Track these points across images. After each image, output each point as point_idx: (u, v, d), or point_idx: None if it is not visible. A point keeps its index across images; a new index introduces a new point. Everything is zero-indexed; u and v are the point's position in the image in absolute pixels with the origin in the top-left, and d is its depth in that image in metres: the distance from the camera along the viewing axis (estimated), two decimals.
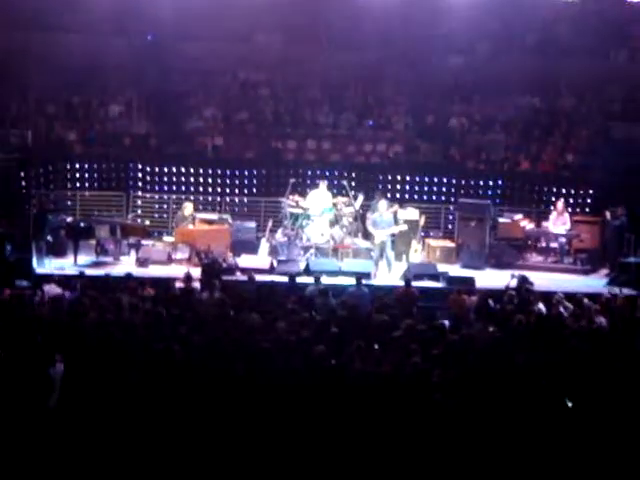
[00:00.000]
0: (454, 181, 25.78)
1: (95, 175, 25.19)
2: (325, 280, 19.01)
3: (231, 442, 10.36)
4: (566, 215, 23.23)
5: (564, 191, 25.19)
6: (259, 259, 21.68)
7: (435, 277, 20.81)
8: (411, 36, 28.11)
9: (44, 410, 10.98)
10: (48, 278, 17.72)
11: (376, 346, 13.47)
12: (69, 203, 24.53)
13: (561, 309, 16.66)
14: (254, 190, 25.74)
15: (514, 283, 18.65)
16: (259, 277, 19.15)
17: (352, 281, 18.39)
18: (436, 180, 25.82)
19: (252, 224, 23.74)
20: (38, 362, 11.84)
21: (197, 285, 17.76)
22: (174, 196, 24.99)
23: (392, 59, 28.35)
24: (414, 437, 10.41)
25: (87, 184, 25.05)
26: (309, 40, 28.08)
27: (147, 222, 24.33)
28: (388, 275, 21.10)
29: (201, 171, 25.69)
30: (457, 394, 11.23)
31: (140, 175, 25.57)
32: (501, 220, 23.78)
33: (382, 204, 21.87)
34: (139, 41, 28.06)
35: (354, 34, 27.81)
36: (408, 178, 25.73)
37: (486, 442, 10.42)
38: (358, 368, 12.12)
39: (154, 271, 20.75)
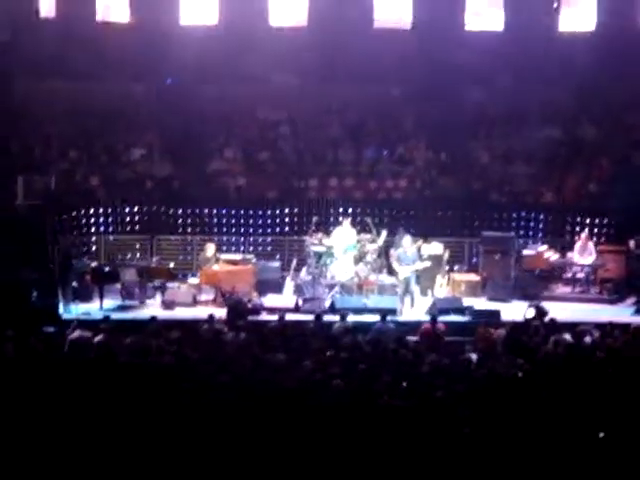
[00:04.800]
0: (477, 214, 25.67)
1: (118, 219, 25.26)
2: (351, 318, 18.94)
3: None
4: (590, 245, 23.11)
5: (588, 221, 25.05)
6: (284, 298, 21.71)
7: (461, 311, 20.76)
8: (430, 69, 28.19)
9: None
10: (75, 323, 17.73)
11: (404, 383, 13.42)
12: (94, 248, 24.65)
13: (587, 339, 16.56)
14: (277, 229, 25.72)
15: (531, 313, 18.66)
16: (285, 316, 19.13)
17: (378, 318, 18.34)
18: (459, 214, 25.69)
19: (276, 263, 23.80)
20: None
21: (223, 326, 17.72)
22: (198, 237, 25.02)
23: (412, 93, 28.43)
24: (441, 471, 10.33)
25: (111, 228, 25.14)
26: (327, 77, 28.21)
27: (171, 264, 24.31)
28: (412, 310, 21.03)
29: (224, 212, 25.70)
30: (485, 428, 11.14)
31: (163, 218, 25.60)
32: (525, 252, 23.63)
33: (406, 240, 21.84)
34: (158, 85, 28.31)
35: (373, 69, 27.90)
36: (431, 213, 25.59)
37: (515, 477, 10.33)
38: (385, 403, 12.05)
39: (180, 313, 20.81)
